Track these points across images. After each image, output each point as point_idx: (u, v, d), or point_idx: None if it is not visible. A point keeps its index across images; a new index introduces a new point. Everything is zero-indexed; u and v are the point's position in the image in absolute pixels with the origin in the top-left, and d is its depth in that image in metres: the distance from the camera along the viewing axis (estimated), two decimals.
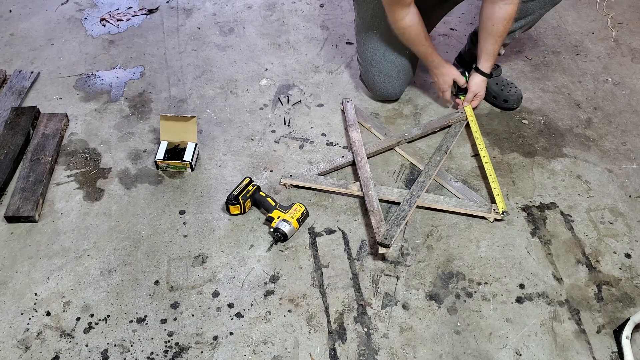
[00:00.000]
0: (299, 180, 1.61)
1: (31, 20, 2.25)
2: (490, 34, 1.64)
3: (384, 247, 1.41)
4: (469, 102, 1.80)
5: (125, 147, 1.74)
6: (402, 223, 1.46)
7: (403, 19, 1.59)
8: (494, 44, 1.67)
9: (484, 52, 1.71)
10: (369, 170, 1.60)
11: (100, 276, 1.40)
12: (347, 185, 1.59)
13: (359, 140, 1.70)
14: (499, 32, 1.63)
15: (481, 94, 1.79)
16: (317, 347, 1.28)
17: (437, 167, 1.62)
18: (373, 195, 1.54)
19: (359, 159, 1.64)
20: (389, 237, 1.42)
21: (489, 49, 1.69)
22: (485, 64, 1.74)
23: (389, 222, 1.47)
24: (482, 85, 1.77)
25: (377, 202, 1.53)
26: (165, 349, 1.27)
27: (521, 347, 1.28)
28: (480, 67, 1.75)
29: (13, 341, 1.27)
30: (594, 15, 2.32)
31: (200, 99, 1.91)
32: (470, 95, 1.79)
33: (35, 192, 1.54)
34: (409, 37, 1.65)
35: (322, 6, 2.35)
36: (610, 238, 1.50)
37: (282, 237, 1.46)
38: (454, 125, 1.77)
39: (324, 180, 1.61)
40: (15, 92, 1.89)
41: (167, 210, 1.56)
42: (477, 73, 1.76)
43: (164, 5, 2.33)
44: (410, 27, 1.62)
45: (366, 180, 1.57)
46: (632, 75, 2.03)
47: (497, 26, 1.61)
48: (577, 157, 1.72)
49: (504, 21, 1.60)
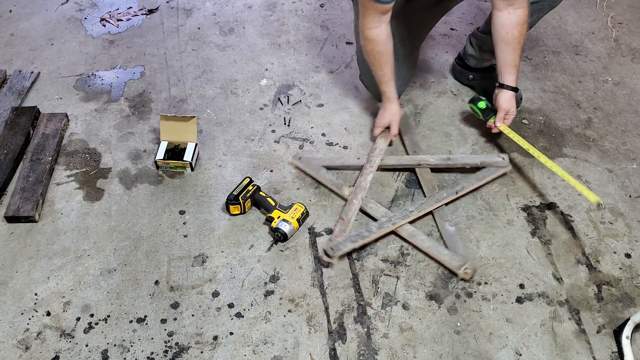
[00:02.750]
0: (304, 165, 1.65)
1: (31, 20, 2.25)
2: (507, 42, 1.54)
3: (326, 256, 1.40)
4: (501, 122, 1.65)
5: (125, 147, 1.74)
6: (358, 242, 1.42)
7: (371, 28, 1.51)
8: (513, 53, 1.56)
9: (505, 65, 1.60)
10: (368, 181, 1.56)
11: (100, 276, 1.40)
12: (341, 186, 1.57)
13: (381, 149, 1.65)
14: (516, 39, 1.53)
15: (512, 110, 1.64)
16: (317, 347, 1.28)
17: (437, 204, 1.53)
18: (355, 205, 1.50)
19: (367, 167, 1.60)
20: (336, 249, 1.40)
21: (509, 59, 1.58)
22: (509, 77, 1.60)
23: (347, 236, 1.43)
24: (511, 102, 1.63)
25: (355, 213, 1.49)
26: (165, 349, 1.27)
27: (521, 347, 1.28)
28: (505, 82, 1.61)
29: (13, 341, 1.28)
30: (594, 15, 2.32)
31: (200, 99, 1.91)
32: (501, 114, 1.64)
33: (35, 192, 1.54)
34: (370, 51, 1.57)
35: (322, 6, 2.35)
36: (610, 238, 1.50)
37: (282, 237, 1.46)
38: (488, 169, 1.61)
39: (325, 173, 1.60)
40: (15, 92, 1.89)
41: (167, 210, 1.56)
42: (503, 89, 1.62)
43: (164, 5, 2.33)
44: (375, 42, 1.54)
45: (359, 189, 1.54)
46: (632, 75, 2.03)
47: (512, 32, 1.52)
48: (577, 157, 1.72)
49: (518, 26, 1.52)
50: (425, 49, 2.10)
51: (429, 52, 2.11)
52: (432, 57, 2.10)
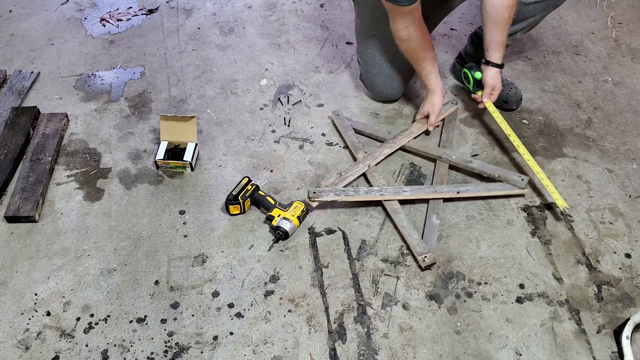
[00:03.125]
0: (338, 121, 1.77)
1: (31, 20, 2.25)
2: (496, 23, 1.60)
3: (309, 199, 1.50)
4: (488, 98, 1.72)
5: (125, 147, 1.74)
6: (341, 196, 1.50)
7: (401, 30, 1.57)
8: (501, 33, 1.62)
9: (493, 43, 1.65)
10: (383, 154, 1.66)
11: (100, 276, 1.40)
12: (358, 150, 1.67)
13: (411, 132, 1.72)
14: (505, 20, 1.59)
15: (498, 86, 1.71)
16: (317, 347, 1.28)
17: (433, 195, 1.55)
18: (359, 168, 1.60)
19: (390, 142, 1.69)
20: (317, 194, 1.50)
21: (497, 39, 1.64)
22: (495, 55, 1.67)
23: (334, 189, 1.52)
24: (497, 78, 1.70)
25: (355, 175, 1.59)
26: (165, 349, 1.27)
27: (521, 347, 1.28)
28: (491, 59, 1.68)
29: (13, 341, 1.27)
30: (594, 15, 2.32)
31: (200, 99, 1.91)
32: (487, 90, 1.71)
33: (35, 192, 1.54)
34: (406, 50, 1.64)
35: (322, 6, 2.35)
36: (610, 238, 1.50)
37: (284, 235, 1.46)
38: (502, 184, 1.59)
39: (351, 135, 1.72)
40: (15, 92, 1.89)
41: (167, 210, 1.56)
42: (490, 66, 1.68)
43: (164, 5, 2.33)
44: (408, 42, 1.60)
45: (370, 157, 1.64)
46: (632, 75, 2.03)
47: (502, 14, 1.57)
48: (577, 157, 1.72)
49: (508, 8, 1.56)
50: None
51: None
52: None
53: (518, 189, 1.57)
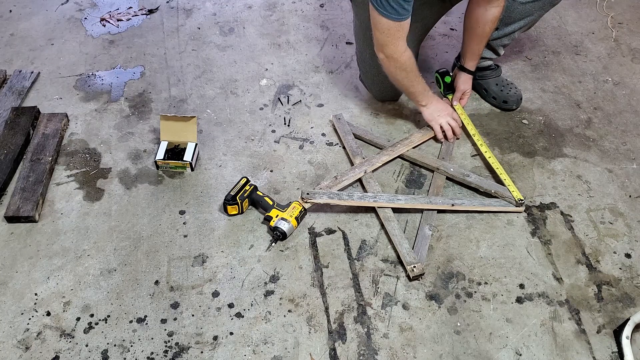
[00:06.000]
0: (339, 125, 1.76)
1: (31, 20, 2.25)
2: (477, 35, 1.68)
3: (302, 199, 1.51)
4: (457, 101, 1.82)
5: (125, 147, 1.74)
6: (334, 199, 1.51)
7: (405, 51, 1.56)
8: (480, 43, 1.71)
9: (470, 52, 1.75)
10: (381, 160, 1.65)
11: (100, 276, 1.40)
12: (356, 155, 1.66)
13: (411, 141, 1.72)
14: (486, 34, 1.67)
15: (468, 91, 1.83)
16: (317, 347, 1.28)
17: (427, 206, 1.53)
18: (355, 173, 1.60)
19: (388, 149, 1.69)
20: (311, 195, 1.50)
21: (475, 49, 1.73)
22: (470, 63, 1.78)
23: (328, 192, 1.53)
24: (469, 83, 1.82)
25: (351, 180, 1.59)
26: (165, 349, 1.27)
27: (521, 347, 1.28)
28: (466, 66, 1.79)
29: (13, 341, 1.28)
30: (594, 15, 2.32)
31: (200, 99, 1.91)
32: (458, 94, 1.82)
33: (35, 192, 1.54)
34: (410, 69, 1.61)
35: (322, 6, 2.35)
36: (610, 238, 1.50)
37: (282, 235, 1.46)
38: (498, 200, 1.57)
39: (350, 139, 1.72)
40: (15, 92, 1.89)
41: (167, 210, 1.56)
42: (463, 72, 1.80)
43: (164, 5, 2.33)
44: (410, 59, 1.59)
45: (367, 163, 1.64)
46: (632, 75, 2.03)
47: (484, 28, 1.65)
48: (577, 157, 1.72)
49: (491, 23, 1.64)
50: (425, 49, 2.10)
51: (429, 52, 2.11)
52: (432, 57, 2.10)
53: (514, 206, 1.55)
